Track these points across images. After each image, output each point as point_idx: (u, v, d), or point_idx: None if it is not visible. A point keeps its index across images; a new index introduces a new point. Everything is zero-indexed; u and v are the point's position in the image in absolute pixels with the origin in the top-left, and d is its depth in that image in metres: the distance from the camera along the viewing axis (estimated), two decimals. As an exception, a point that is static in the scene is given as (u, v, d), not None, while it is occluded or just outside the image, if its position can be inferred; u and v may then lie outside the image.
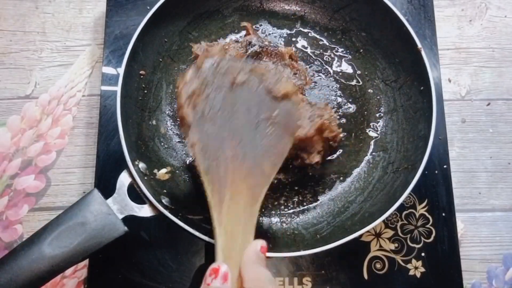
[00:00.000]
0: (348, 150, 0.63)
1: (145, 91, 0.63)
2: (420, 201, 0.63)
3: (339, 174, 0.62)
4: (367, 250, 0.61)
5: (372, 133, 0.64)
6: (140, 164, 0.57)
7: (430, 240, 0.62)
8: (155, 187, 0.57)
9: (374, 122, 0.65)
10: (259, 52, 0.59)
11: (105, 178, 0.62)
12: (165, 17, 0.62)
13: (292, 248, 0.54)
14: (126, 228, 0.51)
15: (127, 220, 0.52)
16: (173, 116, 0.64)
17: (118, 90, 0.56)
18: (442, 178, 0.64)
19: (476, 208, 0.66)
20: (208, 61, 0.49)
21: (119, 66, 0.65)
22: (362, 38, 0.67)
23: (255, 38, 0.60)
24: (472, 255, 0.64)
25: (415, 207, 0.63)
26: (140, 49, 0.60)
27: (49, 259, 0.48)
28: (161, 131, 0.63)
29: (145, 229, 0.61)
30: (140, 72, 0.62)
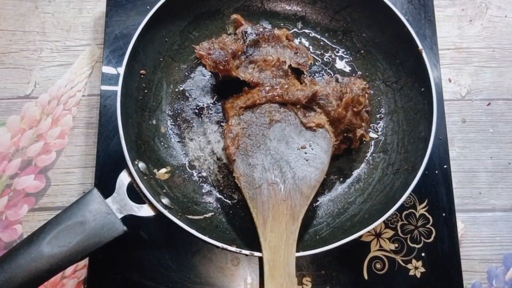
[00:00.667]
0: (348, 151, 0.63)
1: (146, 91, 0.62)
2: (420, 201, 0.63)
3: (339, 175, 0.62)
4: (367, 250, 0.61)
5: (373, 134, 0.64)
6: (140, 164, 0.57)
7: (430, 240, 0.62)
8: (155, 187, 0.57)
9: (375, 123, 0.65)
10: (257, 40, 0.59)
11: (105, 178, 0.61)
12: (166, 17, 0.62)
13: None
14: (125, 228, 0.51)
15: (127, 220, 0.52)
16: (173, 116, 0.64)
17: (119, 89, 0.56)
18: (443, 178, 0.64)
19: (476, 208, 0.66)
20: (248, 112, 0.57)
21: (119, 66, 0.66)
22: (363, 39, 0.67)
23: (249, 27, 0.60)
24: (472, 255, 0.64)
25: (415, 207, 0.63)
26: (141, 49, 0.60)
27: (48, 258, 0.48)
28: (161, 131, 0.63)
29: (145, 229, 0.61)
30: (141, 72, 0.62)
